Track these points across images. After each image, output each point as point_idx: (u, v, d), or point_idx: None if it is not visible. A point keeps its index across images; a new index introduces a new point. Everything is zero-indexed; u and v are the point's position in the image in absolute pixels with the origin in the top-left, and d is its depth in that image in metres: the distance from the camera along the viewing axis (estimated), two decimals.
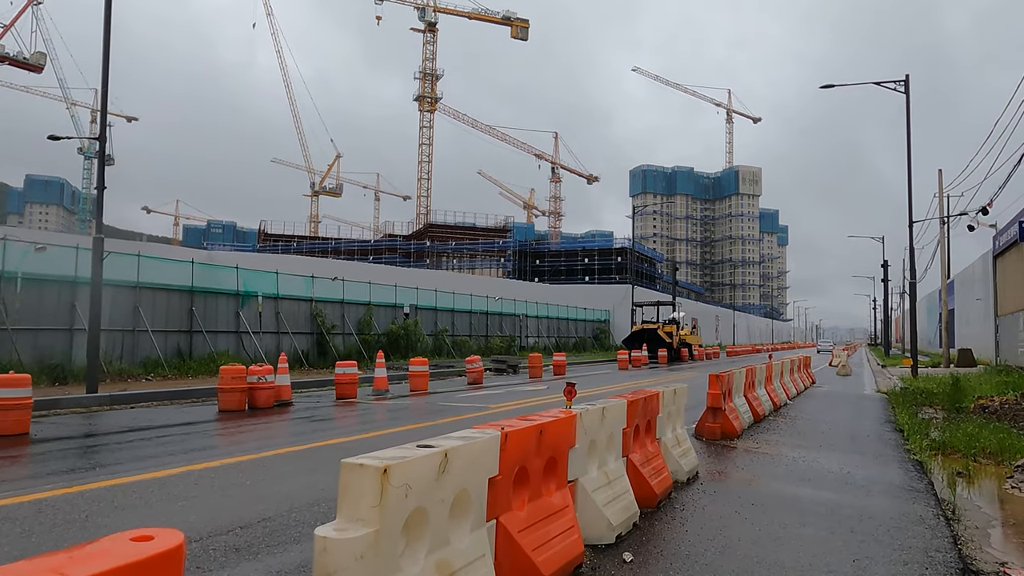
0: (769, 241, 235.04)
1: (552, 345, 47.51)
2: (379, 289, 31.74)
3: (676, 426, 7.02)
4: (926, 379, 21.33)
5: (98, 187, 13.58)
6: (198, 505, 5.55)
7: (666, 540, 4.84)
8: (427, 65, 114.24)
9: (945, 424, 11.91)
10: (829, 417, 12.71)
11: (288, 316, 26.06)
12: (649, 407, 6.10)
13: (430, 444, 3.09)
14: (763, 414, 11.91)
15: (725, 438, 9.38)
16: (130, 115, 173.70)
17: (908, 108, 23.00)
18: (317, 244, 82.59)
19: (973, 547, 5.02)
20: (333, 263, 59.13)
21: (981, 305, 38.54)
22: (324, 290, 28.69)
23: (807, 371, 21.65)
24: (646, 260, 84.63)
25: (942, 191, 34.48)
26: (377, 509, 2.60)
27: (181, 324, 21.88)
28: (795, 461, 8.04)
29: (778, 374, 14.67)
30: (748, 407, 11.05)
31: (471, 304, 38.86)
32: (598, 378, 23.11)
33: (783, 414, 12.87)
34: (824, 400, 16.53)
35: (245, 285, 24.66)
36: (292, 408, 13.02)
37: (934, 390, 17.35)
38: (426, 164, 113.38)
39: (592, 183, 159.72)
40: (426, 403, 13.94)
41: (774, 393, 13.59)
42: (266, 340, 24.98)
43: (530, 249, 76.72)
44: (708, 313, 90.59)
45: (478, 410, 12.58)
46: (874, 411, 14.13)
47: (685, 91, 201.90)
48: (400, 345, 30.76)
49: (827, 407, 14.69)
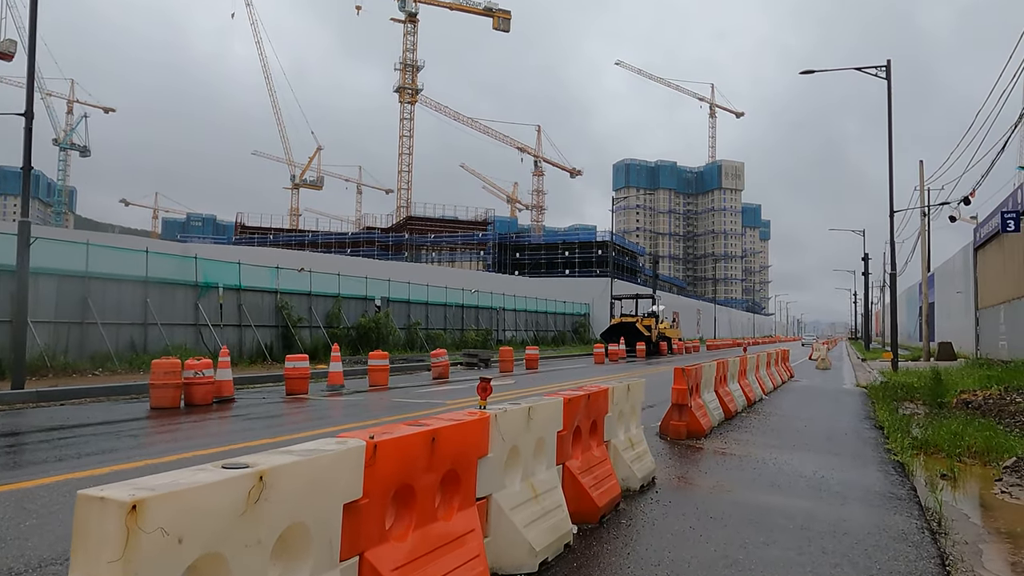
0: (751, 236, 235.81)
1: (530, 339, 46.75)
2: (349, 281, 30.80)
3: (630, 426, 6.24)
4: (907, 373, 20.77)
5: (23, 167, 12.59)
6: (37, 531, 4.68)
7: (601, 567, 4.03)
8: (407, 56, 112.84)
9: (927, 421, 11.25)
10: (805, 413, 12.01)
11: (252, 308, 25.07)
12: (595, 406, 5.30)
13: (243, 463, 2.25)
14: (735, 410, 11.19)
15: (691, 437, 8.63)
16: (107, 106, 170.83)
17: (889, 94, 22.37)
18: (294, 237, 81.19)
19: (964, 570, 4.27)
20: (307, 255, 57.99)
21: (961, 298, 38.23)
22: (291, 282, 27.71)
23: (785, 365, 21.02)
24: (627, 253, 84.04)
25: (923, 183, 34.02)
26: (118, 566, 1.76)
27: (135, 316, 20.83)
28: (765, 464, 7.29)
29: (753, 368, 13.96)
30: (719, 403, 10.31)
31: (446, 297, 37.98)
32: (569, 372, 22.36)
33: (757, 410, 12.16)
34: (801, 395, 15.87)
35: (205, 276, 23.63)
36: (234, 405, 12.12)
37: (915, 384, 16.75)
38: (407, 156, 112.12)
39: (575, 177, 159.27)
40: (379, 400, 13.08)
41: (748, 388, 12.88)
42: (228, 333, 24.00)
43: (510, 242, 75.81)
44: (690, 307, 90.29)
45: (432, 407, 11.75)
46: (853, 406, 13.46)
47: (668, 85, 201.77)
48: (371, 339, 29.83)
49: (804, 402, 14.01)
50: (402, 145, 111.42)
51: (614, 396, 5.74)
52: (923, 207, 31.54)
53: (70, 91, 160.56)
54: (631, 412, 6.27)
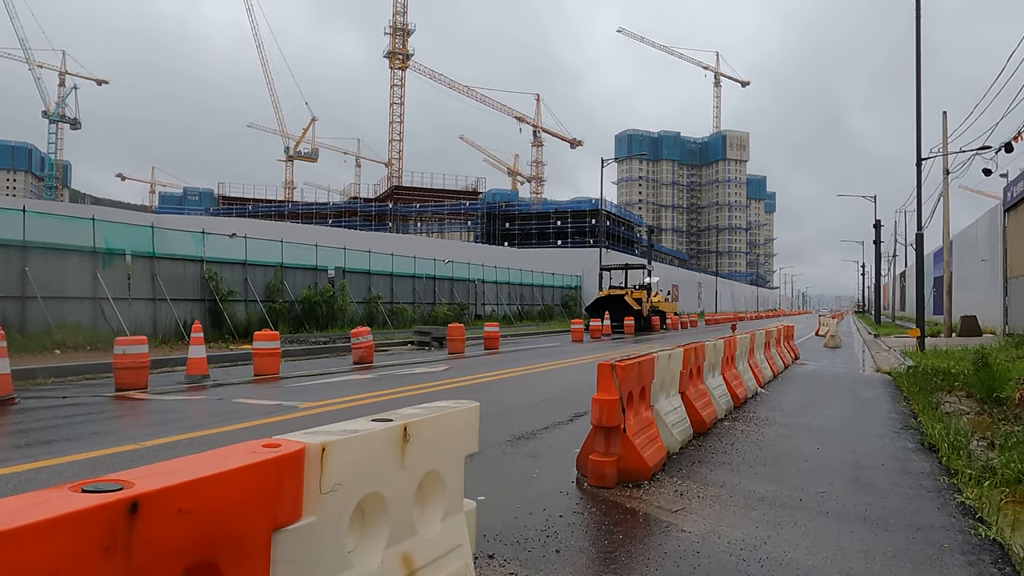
0: (756, 208, 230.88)
1: (514, 314, 43.26)
2: (297, 249, 27.21)
3: (439, 509, 2.69)
4: (936, 353, 17.19)
5: None
6: None
7: None
8: (397, 20, 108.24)
9: (989, 426, 7.78)
10: (816, 419, 8.46)
11: (170, 279, 21.55)
12: (286, 478, 1.77)
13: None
14: (714, 418, 7.66)
15: (626, 481, 5.11)
16: (100, 78, 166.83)
17: (918, 7, 18.49)
18: (273, 207, 77.41)
19: None
20: (281, 225, 54.44)
21: (986, 267, 34.46)
22: (221, 249, 24.16)
23: (788, 344, 17.47)
24: (623, 223, 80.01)
25: (946, 136, 30.16)
26: None
27: (9, 289, 17.38)
28: (749, 559, 3.77)
29: (744, 353, 10.39)
30: (686, 412, 6.78)
31: (415, 268, 34.37)
32: (531, 354, 18.84)
33: (748, 411, 8.65)
34: (809, 385, 12.32)
35: (107, 241, 20.11)
36: (12, 409, 8.64)
37: (952, 369, 13.21)
38: (397, 125, 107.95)
39: (575, 147, 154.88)
40: (218, 401, 9.50)
41: (736, 380, 9.34)
42: (137, 309, 20.54)
43: (500, 212, 71.75)
44: (690, 280, 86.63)
45: (270, 415, 8.24)
46: (880, 406, 9.91)
47: (671, 53, 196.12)
48: (318, 314, 26.35)
49: (813, 399, 10.45)
50: (392, 113, 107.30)
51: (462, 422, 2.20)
52: (944, 160, 27.71)
53: (61, 62, 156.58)
54: (449, 476, 2.70)
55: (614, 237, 73.00)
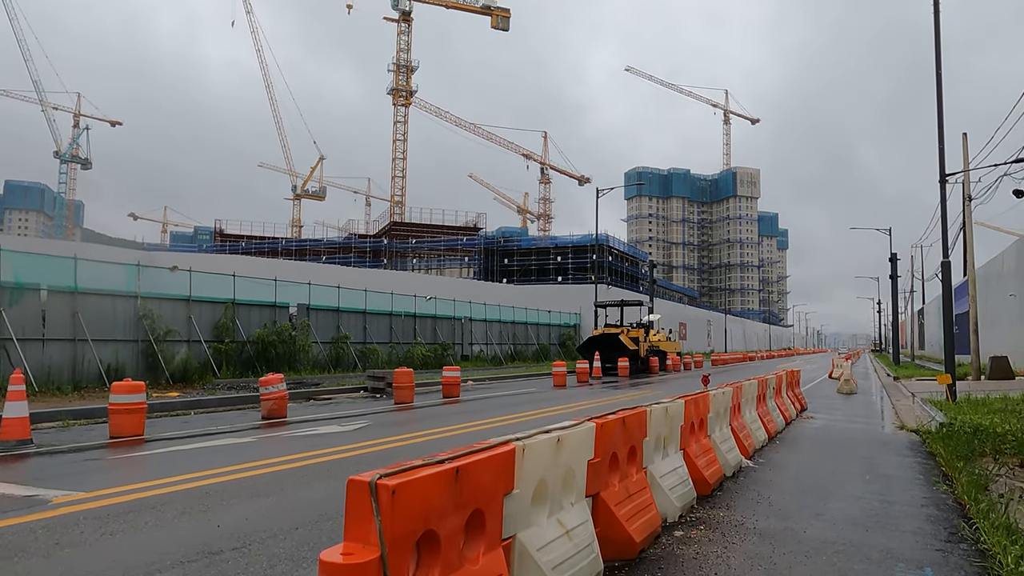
0: (768, 245, 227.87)
1: (506, 354, 40.56)
2: (252, 285, 24.80)
3: None
4: (970, 404, 14.32)
5: None
6: None
7: None
8: (401, 57, 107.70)
9: None
10: (817, 522, 5.73)
11: (94, 317, 19.14)
12: None
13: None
14: (671, 516, 4.96)
15: None
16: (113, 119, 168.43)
17: (937, 17, 16.10)
18: (267, 244, 75.54)
19: None
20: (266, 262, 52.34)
21: (1015, 303, 31.54)
22: (160, 284, 21.80)
23: (793, 392, 14.68)
24: (628, 259, 77.29)
25: (967, 158, 27.56)
26: None
27: None
28: None
29: (721, 415, 7.66)
30: (635, 507, 4.12)
31: (392, 305, 31.85)
32: (492, 405, 16.13)
33: (718, 503, 5.97)
34: (816, 452, 9.55)
35: (15, 274, 17.79)
36: None
37: (997, 429, 10.43)
38: (400, 161, 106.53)
39: (583, 184, 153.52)
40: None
41: (710, 453, 6.64)
42: (53, 351, 18.13)
43: (499, 247, 69.26)
44: (699, 318, 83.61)
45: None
46: (910, 490, 7.15)
47: (680, 91, 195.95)
48: (273, 355, 23.80)
49: (817, 479, 7.70)
50: (396, 149, 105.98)
51: None
52: (966, 186, 25.07)
53: (76, 105, 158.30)
54: None
55: (618, 273, 70.35)
